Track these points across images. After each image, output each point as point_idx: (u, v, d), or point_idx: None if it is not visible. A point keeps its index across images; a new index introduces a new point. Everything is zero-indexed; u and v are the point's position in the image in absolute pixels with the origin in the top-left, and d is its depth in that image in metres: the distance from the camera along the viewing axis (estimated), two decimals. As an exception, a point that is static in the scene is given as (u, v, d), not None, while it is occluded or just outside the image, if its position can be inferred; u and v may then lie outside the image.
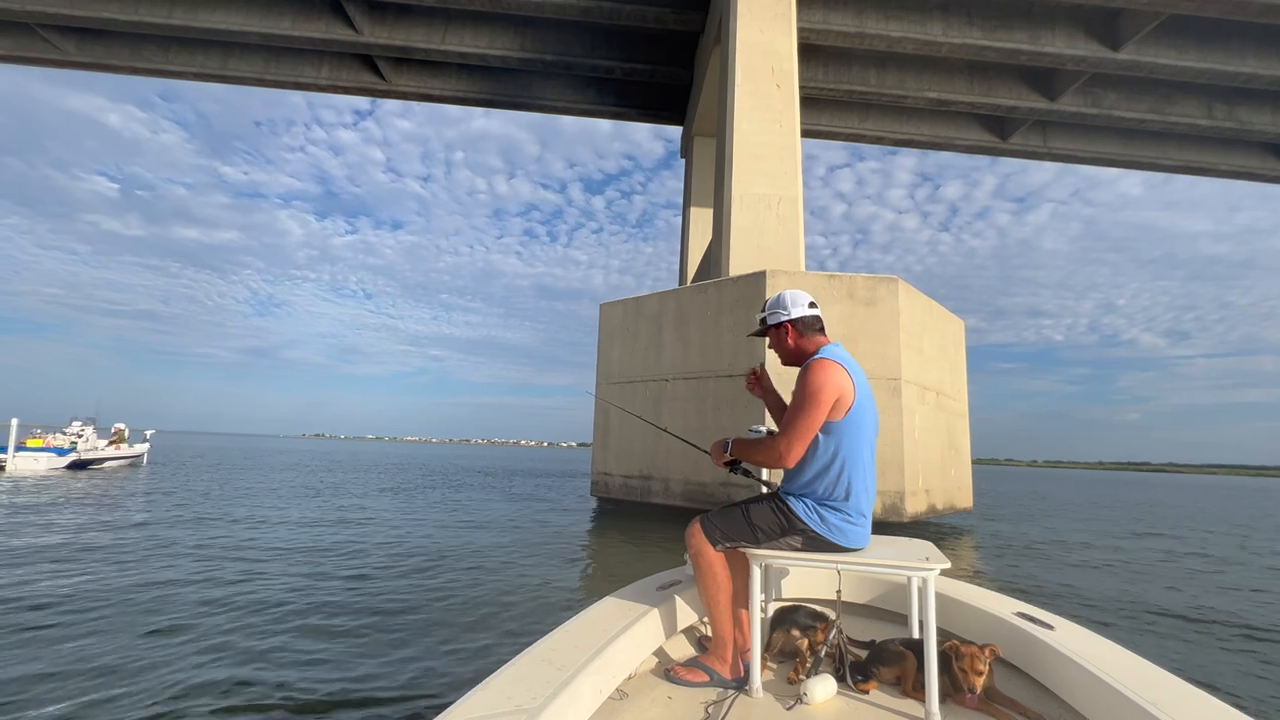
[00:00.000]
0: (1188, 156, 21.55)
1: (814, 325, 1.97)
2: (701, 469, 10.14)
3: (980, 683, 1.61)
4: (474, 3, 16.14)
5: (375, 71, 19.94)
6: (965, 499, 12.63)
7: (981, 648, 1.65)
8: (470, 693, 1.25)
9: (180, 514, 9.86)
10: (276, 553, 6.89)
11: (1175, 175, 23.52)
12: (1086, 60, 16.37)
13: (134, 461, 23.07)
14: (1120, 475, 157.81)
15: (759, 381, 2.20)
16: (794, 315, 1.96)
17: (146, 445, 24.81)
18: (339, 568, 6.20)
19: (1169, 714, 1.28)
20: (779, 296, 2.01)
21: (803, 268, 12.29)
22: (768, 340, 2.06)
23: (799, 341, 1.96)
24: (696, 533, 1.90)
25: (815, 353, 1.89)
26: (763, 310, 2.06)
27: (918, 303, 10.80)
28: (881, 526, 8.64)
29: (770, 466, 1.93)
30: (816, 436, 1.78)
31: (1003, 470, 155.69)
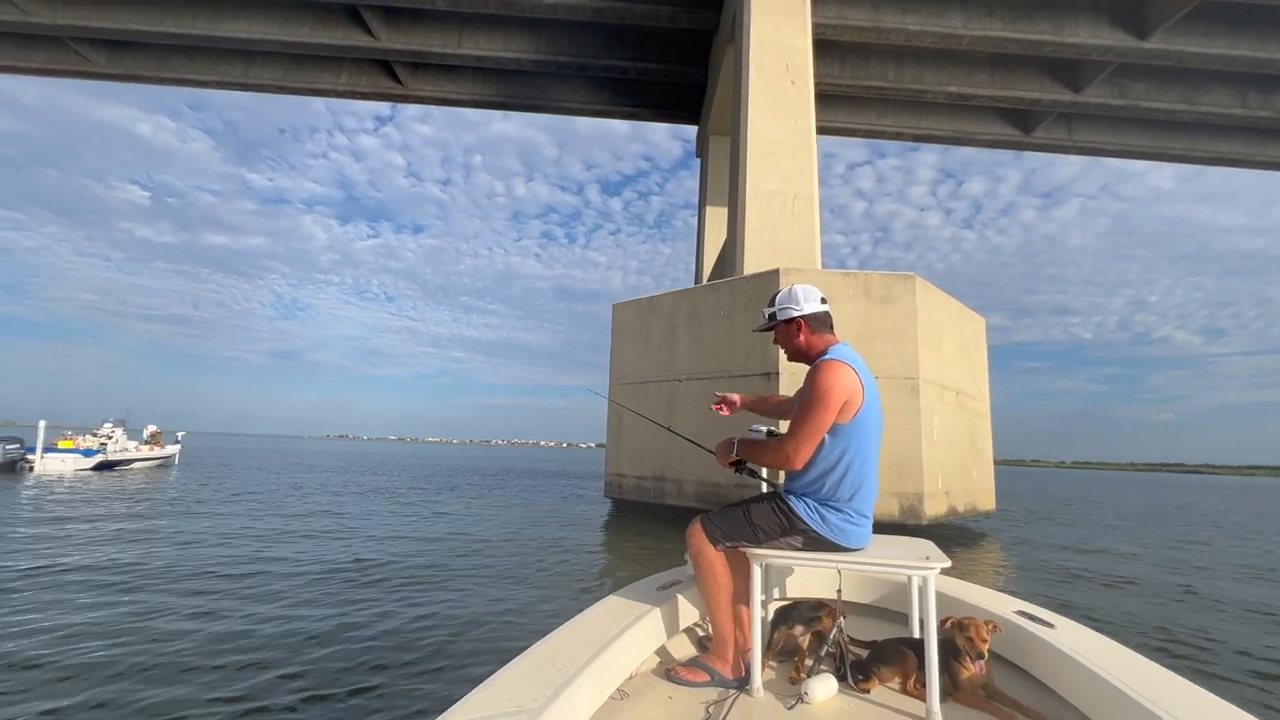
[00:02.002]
0: (1221, 148, 20.88)
1: (825, 323, 1.91)
2: (714, 470, 10.06)
3: (987, 649, 1.63)
4: (488, 6, 16.27)
5: (393, 76, 20.22)
6: (987, 501, 12.37)
7: (984, 621, 1.67)
8: (471, 693, 1.24)
9: (199, 513, 10.07)
10: (292, 551, 6.98)
11: (1208, 167, 22.80)
12: (1113, 50, 15.95)
13: (165, 463, 23.64)
14: (1154, 476, 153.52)
15: (731, 409, 2.31)
16: (806, 311, 1.89)
17: (177, 447, 25.42)
18: (350, 565, 6.27)
19: (1170, 712, 1.27)
20: (790, 291, 1.94)
21: (818, 265, 12.14)
22: (774, 336, 2.01)
23: (810, 339, 1.90)
24: (697, 532, 1.89)
25: (825, 351, 1.83)
26: (771, 304, 1.97)
27: (936, 300, 10.59)
28: (900, 529, 8.48)
29: (778, 468, 1.90)
30: (823, 438, 1.75)
31: (1029, 471, 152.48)
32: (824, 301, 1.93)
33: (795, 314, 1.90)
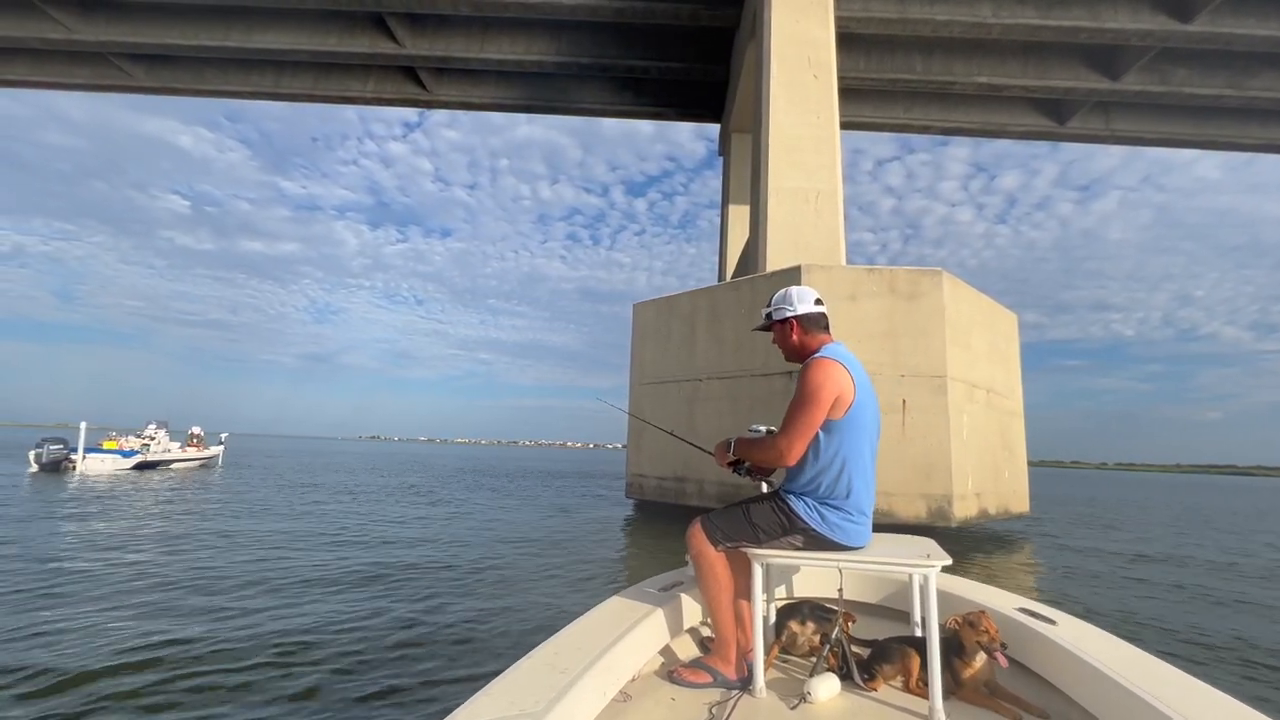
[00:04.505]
0: (1272, 134, 19.86)
1: (819, 323, 1.98)
2: (737, 470, 9.89)
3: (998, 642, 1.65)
4: (509, 10, 16.42)
5: (418, 82, 20.56)
6: (1020, 503, 11.98)
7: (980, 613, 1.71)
8: (473, 697, 1.24)
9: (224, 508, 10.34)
10: (309, 549, 7.11)
11: (1259, 155, 21.74)
12: (1153, 35, 15.30)
13: (208, 463, 24.39)
14: (1203, 479, 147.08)
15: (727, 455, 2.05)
16: (799, 312, 1.96)
17: (221, 448, 26.18)
18: (366, 562, 6.36)
19: (1173, 708, 1.26)
20: (785, 292, 2.03)
21: (843, 262, 11.91)
22: (771, 335, 2.08)
23: (802, 338, 1.97)
24: (697, 533, 1.91)
25: (817, 350, 1.90)
26: (768, 305, 2.08)
27: (964, 296, 10.30)
28: (927, 531, 8.25)
29: (772, 465, 1.95)
30: (817, 435, 1.78)
31: (1068, 472, 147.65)
32: (819, 303, 2.00)
33: (789, 314, 1.97)
